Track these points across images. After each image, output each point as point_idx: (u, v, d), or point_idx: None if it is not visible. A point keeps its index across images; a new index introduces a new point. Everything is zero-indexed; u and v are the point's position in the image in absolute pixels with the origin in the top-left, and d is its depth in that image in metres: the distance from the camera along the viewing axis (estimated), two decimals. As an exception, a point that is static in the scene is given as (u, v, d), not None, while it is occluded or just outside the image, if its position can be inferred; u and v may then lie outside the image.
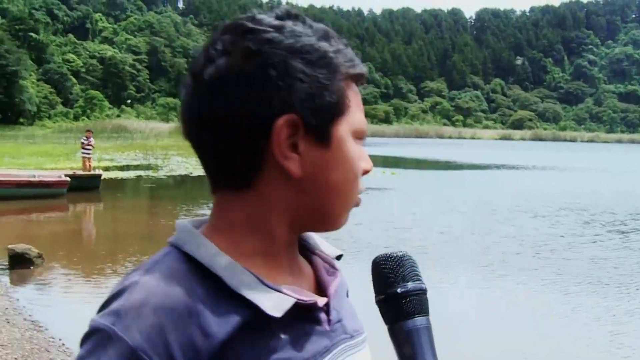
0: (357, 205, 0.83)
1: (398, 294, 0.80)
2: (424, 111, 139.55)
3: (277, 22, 0.77)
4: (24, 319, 7.63)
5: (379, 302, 0.82)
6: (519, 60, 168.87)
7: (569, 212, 18.22)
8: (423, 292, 0.82)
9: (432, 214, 17.24)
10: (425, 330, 0.80)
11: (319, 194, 0.79)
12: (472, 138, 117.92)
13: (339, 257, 0.91)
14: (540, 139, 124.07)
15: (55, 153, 31.68)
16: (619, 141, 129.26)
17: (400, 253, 0.84)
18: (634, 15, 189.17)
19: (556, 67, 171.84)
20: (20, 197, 16.55)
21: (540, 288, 9.76)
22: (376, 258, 0.84)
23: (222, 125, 0.75)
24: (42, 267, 9.74)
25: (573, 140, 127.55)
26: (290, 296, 0.76)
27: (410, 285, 0.81)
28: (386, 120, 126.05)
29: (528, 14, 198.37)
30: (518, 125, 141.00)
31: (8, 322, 6.80)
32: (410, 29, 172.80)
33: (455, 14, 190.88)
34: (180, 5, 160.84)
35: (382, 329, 0.80)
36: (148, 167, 28.68)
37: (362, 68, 0.82)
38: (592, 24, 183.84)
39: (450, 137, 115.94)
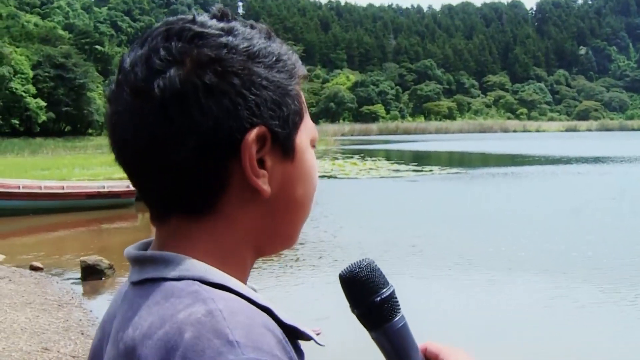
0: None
1: (379, 302, 0.80)
2: (488, 105, 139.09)
3: (224, 24, 0.70)
4: (98, 331, 8.67)
5: (362, 313, 0.81)
6: (582, 50, 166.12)
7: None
8: (394, 292, 0.82)
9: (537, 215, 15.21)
10: (406, 326, 0.81)
11: (284, 211, 0.73)
12: (537, 131, 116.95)
13: None
14: (607, 129, 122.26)
15: (124, 162, 33.31)
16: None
17: (366, 261, 0.81)
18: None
19: (621, 55, 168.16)
20: (90, 207, 16.78)
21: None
22: (348, 272, 0.80)
23: (183, 144, 0.65)
24: (113, 278, 9.74)
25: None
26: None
27: (386, 291, 0.80)
28: (450, 116, 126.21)
29: (590, 2, 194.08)
30: (584, 116, 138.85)
31: (82, 334, 6.78)
32: (470, 24, 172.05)
33: (516, 6, 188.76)
34: (240, 10, 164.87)
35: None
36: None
37: (304, 68, 0.76)
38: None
39: (515, 131, 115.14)
